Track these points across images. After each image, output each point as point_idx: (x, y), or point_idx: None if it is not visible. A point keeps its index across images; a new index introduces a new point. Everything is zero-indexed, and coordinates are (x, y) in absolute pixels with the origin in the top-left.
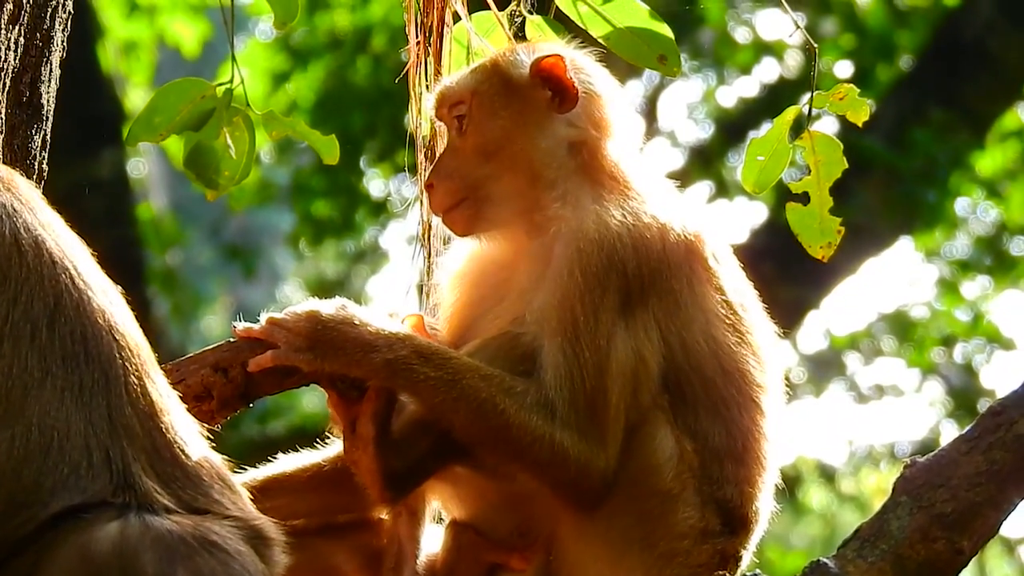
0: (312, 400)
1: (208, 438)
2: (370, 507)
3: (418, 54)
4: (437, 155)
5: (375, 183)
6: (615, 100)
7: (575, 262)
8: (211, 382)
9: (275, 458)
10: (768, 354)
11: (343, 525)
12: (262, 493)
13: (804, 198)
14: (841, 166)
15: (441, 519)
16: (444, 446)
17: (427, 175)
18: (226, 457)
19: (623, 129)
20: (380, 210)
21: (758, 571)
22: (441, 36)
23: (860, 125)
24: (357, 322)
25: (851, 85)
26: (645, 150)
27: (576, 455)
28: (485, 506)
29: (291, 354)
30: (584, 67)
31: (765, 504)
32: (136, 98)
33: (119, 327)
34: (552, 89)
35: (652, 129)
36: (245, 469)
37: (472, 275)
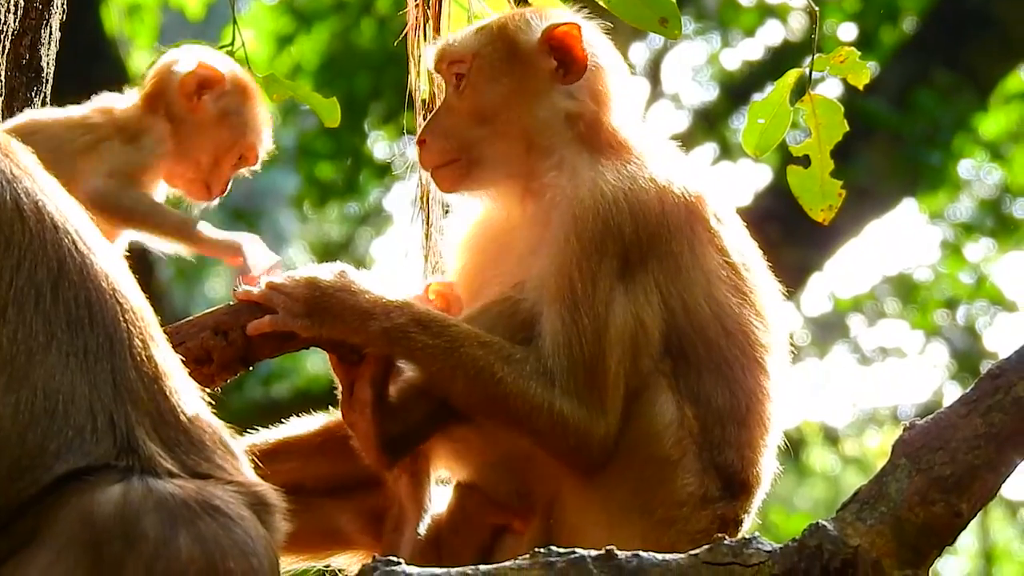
0: (316, 363)
1: (209, 401)
2: (375, 470)
3: (417, 16)
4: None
5: (380, 145)
6: (617, 73)
7: (571, 229)
8: (211, 345)
9: (279, 420)
10: (772, 315)
11: (349, 487)
12: (272, 457)
13: (805, 161)
14: (842, 129)
15: (447, 481)
16: (441, 411)
17: (420, 130)
18: (230, 420)
19: (624, 100)
20: (384, 172)
21: (757, 534)
22: None
23: (860, 88)
24: (355, 289)
25: (851, 48)
26: (649, 113)
27: (576, 423)
28: (484, 468)
29: (289, 319)
30: (593, 39)
31: (767, 467)
32: (140, 61)
33: (122, 291)
34: (559, 59)
35: (656, 91)
36: (250, 431)
37: (474, 242)
